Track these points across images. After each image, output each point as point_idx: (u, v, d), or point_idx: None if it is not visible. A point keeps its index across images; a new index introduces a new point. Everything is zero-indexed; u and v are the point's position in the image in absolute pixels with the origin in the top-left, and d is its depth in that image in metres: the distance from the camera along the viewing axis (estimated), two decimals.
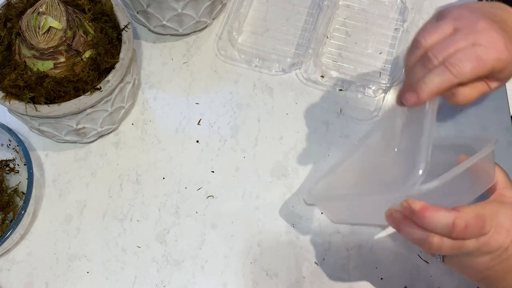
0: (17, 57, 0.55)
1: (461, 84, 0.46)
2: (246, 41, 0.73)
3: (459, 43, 0.45)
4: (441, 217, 0.42)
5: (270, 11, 0.75)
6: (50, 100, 0.55)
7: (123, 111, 0.63)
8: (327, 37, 0.72)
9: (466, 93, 0.48)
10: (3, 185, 0.62)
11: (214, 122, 0.68)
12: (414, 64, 0.48)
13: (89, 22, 0.58)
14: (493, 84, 0.49)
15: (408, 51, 0.49)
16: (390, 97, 0.70)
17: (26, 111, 0.54)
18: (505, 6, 0.50)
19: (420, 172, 0.44)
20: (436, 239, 0.43)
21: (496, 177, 0.49)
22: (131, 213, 0.63)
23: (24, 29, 0.53)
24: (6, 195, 0.62)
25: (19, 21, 0.54)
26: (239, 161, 0.66)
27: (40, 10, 0.52)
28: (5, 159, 0.64)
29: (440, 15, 0.48)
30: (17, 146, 0.60)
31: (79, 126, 0.59)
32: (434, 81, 0.44)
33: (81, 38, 0.56)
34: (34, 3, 0.55)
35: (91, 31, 0.57)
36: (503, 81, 0.49)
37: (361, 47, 0.73)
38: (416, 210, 0.43)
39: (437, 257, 0.51)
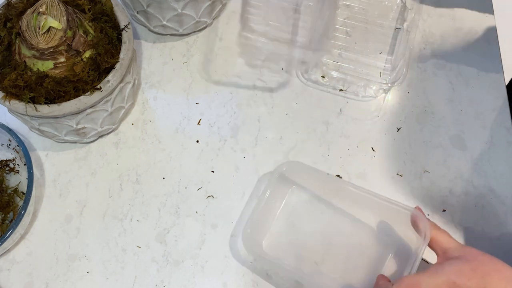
0: (17, 57, 0.55)
1: None
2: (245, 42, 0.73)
3: None
4: None
5: (270, 11, 0.75)
6: (50, 100, 0.55)
7: (123, 111, 0.63)
8: (327, 37, 0.72)
9: None
10: (3, 185, 0.62)
11: (214, 122, 0.68)
12: None
13: (89, 22, 0.58)
14: None
15: None
16: (391, 97, 0.70)
17: (26, 111, 0.54)
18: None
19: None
20: None
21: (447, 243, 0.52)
22: (131, 213, 0.63)
23: (24, 29, 0.53)
24: (6, 195, 0.62)
25: (19, 21, 0.54)
26: (239, 161, 0.65)
27: (40, 10, 0.52)
28: (5, 159, 0.64)
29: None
30: (17, 146, 0.60)
31: (79, 126, 0.59)
32: None
33: (81, 38, 0.56)
34: (34, 3, 0.55)
35: (91, 31, 0.57)
36: None
37: (361, 47, 0.73)
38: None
39: None
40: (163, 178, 0.65)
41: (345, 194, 0.61)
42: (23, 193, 0.62)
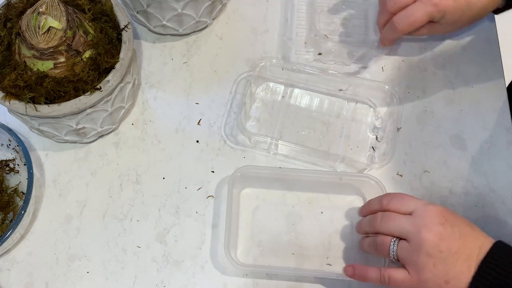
0: (17, 57, 0.55)
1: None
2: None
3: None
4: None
5: (270, 11, 0.75)
6: (50, 100, 0.55)
7: (123, 111, 0.63)
8: (327, 37, 0.72)
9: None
10: (3, 185, 0.62)
11: (214, 122, 0.68)
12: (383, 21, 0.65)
13: (89, 22, 0.58)
14: (440, 28, 0.64)
15: (378, 13, 0.67)
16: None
17: (26, 111, 0.54)
18: None
19: None
20: None
21: None
22: (131, 213, 0.63)
23: (24, 29, 0.53)
24: (6, 195, 0.62)
25: (19, 21, 0.54)
26: (239, 161, 0.65)
27: (40, 10, 0.52)
28: (5, 159, 0.64)
29: None
30: (17, 146, 0.60)
31: (79, 126, 0.59)
32: (389, 36, 0.65)
33: (81, 38, 0.56)
34: (34, 3, 0.55)
35: (91, 31, 0.57)
36: (446, 26, 0.63)
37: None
38: None
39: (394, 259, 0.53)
40: (163, 178, 0.65)
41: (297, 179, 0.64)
42: (23, 193, 0.62)
